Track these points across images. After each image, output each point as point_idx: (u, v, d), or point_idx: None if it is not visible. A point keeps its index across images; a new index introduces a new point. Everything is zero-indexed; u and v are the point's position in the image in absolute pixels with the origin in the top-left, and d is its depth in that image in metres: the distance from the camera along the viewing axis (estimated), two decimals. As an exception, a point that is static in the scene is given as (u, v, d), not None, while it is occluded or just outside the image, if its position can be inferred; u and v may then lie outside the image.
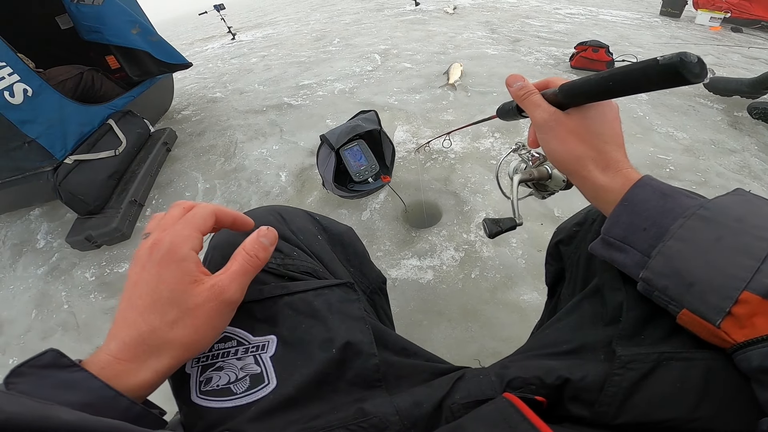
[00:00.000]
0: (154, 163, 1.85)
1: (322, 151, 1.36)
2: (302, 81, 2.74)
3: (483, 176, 1.49)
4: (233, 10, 6.47)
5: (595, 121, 0.37)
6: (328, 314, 0.38)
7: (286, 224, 0.48)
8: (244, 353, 0.35)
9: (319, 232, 0.52)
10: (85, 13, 1.82)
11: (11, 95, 1.33)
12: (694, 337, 0.30)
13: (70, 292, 1.35)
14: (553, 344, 0.39)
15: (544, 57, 2.86)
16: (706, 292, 0.27)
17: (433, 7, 5.36)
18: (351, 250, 0.57)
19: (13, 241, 1.65)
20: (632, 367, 0.31)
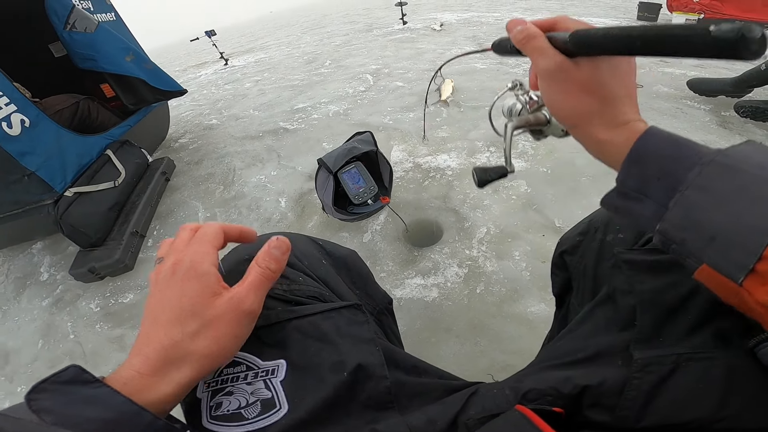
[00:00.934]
0: (154, 193, 1.85)
1: (320, 175, 1.37)
2: (297, 104, 2.78)
3: (482, 191, 1.49)
4: (224, 36, 6.60)
5: (606, 74, 0.33)
6: (337, 337, 0.38)
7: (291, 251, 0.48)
8: (254, 378, 0.35)
9: (323, 257, 0.53)
10: (78, 40, 1.82)
11: (9, 126, 1.33)
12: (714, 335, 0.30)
13: (76, 322, 1.35)
14: (567, 354, 0.39)
15: (532, 68, 2.92)
16: (729, 246, 0.25)
17: (420, 25, 5.49)
18: (355, 273, 0.57)
19: (16, 274, 1.65)
20: (651, 370, 0.31)
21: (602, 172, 1.55)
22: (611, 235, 0.49)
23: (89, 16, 1.88)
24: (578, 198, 1.44)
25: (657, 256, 0.38)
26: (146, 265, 1.51)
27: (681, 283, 0.35)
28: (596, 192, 1.45)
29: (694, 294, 0.34)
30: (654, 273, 0.37)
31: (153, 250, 1.58)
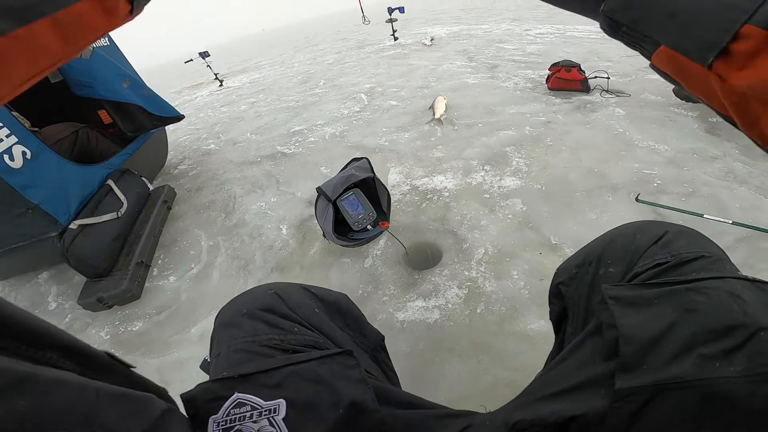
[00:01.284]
0: (157, 222, 1.87)
1: (319, 204, 1.40)
2: (293, 127, 2.83)
3: (478, 212, 1.53)
4: (218, 55, 6.68)
5: None
6: (332, 379, 0.42)
7: (284, 302, 0.54)
8: (259, 416, 0.38)
9: (317, 304, 0.57)
10: (75, 67, 1.83)
11: (11, 158, 1.34)
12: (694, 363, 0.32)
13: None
14: (557, 384, 0.42)
15: (522, 81, 2.98)
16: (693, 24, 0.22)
17: (411, 40, 5.59)
18: (348, 316, 0.62)
19: (23, 303, 1.66)
20: (631, 399, 0.33)
21: (595, 186, 1.59)
22: (603, 269, 0.52)
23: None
24: (573, 213, 1.47)
25: (640, 291, 0.41)
26: (153, 293, 1.54)
27: (663, 316, 0.37)
28: (590, 207, 1.49)
29: (675, 325, 0.36)
30: (636, 307, 0.39)
31: (159, 279, 1.60)
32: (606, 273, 0.52)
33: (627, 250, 0.51)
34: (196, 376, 1.16)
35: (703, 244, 0.48)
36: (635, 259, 0.49)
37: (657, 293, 0.40)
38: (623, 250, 0.51)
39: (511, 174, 1.75)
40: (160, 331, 1.36)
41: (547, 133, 2.07)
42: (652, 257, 0.47)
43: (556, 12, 7.56)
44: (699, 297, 0.37)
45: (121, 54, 2.29)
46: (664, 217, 1.36)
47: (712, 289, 0.38)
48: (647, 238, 0.50)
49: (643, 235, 0.51)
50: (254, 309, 0.52)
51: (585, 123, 2.15)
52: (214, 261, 1.62)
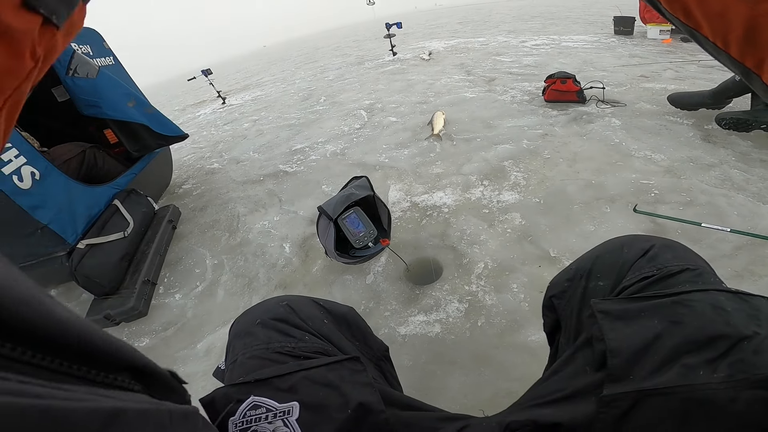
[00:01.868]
0: (162, 241, 1.91)
1: (321, 222, 1.44)
2: (294, 145, 2.89)
3: (477, 227, 1.56)
4: (220, 72, 6.86)
5: None
6: (341, 383, 0.45)
7: (296, 314, 0.57)
8: (273, 418, 0.41)
9: (325, 316, 0.61)
10: (82, 87, 1.86)
11: (20, 179, 1.36)
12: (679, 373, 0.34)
13: None
14: (549, 393, 0.45)
15: (519, 94, 3.04)
16: None
17: (409, 55, 5.70)
18: (355, 327, 0.65)
19: None
20: (615, 405, 0.35)
21: (592, 198, 1.62)
22: (593, 282, 0.55)
23: (90, 61, 1.90)
24: (571, 226, 1.49)
25: (627, 305, 0.44)
26: (159, 310, 1.56)
27: (649, 328, 0.40)
28: (589, 219, 1.51)
29: (660, 337, 0.38)
30: (624, 321, 0.42)
31: (165, 296, 1.63)
32: (596, 286, 0.54)
33: (615, 264, 0.54)
34: (201, 390, 1.18)
35: (687, 257, 0.50)
36: (623, 272, 0.52)
37: (643, 306, 0.43)
38: (612, 264, 0.54)
39: (510, 188, 1.78)
40: (167, 347, 1.39)
41: (544, 146, 2.11)
42: (639, 271, 0.50)
43: (551, 23, 7.70)
44: (683, 309, 0.40)
45: (126, 72, 2.33)
46: (662, 227, 1.38)
47: (696, 301, 0.40)
48: (634, 252, 0.53)
49: (630, 249, 0.54)
50: (267, 319, 0.55)
51: (582, 134, 2.19)
52: (219, 279, 1.65)
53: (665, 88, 2.74)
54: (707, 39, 0.26)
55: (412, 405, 0.49)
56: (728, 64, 0.26)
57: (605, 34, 5.59)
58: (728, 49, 0.25)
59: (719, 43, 0.25)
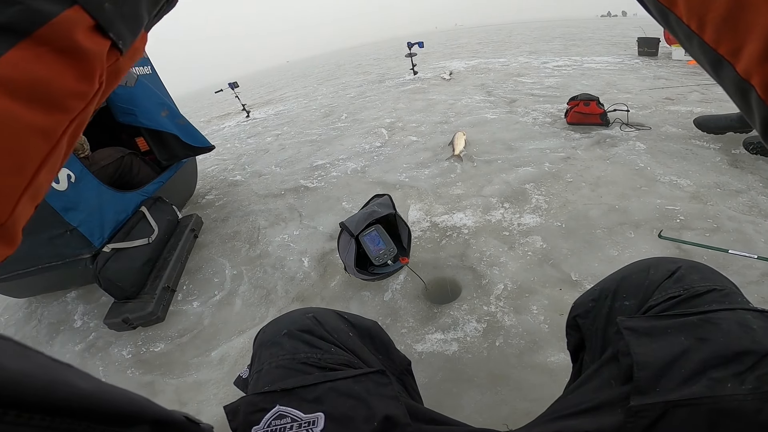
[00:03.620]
0: (184, 250, 1.97)
1: (342, 238, 1.47)
2: (316, 161, 2.96)
3: (498, 248, 1.56)
4: (245, 85, 7.10)
5: None
6: (367, 396, 0.45)
7: (322, 326, 0.58)
8: (299, 428, 0.41)
9: (350, 329, 0.62)
10: (120, 94, 1.94)
11: (56, 181, 1.40)
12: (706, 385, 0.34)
13: (107, 367, 1.42)
14: (574, 406, 0.45)
15: (540, 116, 3.05)
16: None
17: (430, 74, 5.81)
18: (378, 341, 0.66)
19: (49, 320, 1.74)
20: (643, 416, 0.36)
21: (616, 223, 1.60)
22: (618, 302, 0.56)
23: (130, 70, 1.99)
24: (594, 251, 1.48)
25: (654, 322, 0.45)
26: (176, 317, 1.60)
27: (676, 344, 0.40)
28: (612, 244, 1.50)
29: (687, 352, 0.39)
30: (651, 336, 0.43)
31: (183, 303, 1.68)
32: (621, 306, 0.55)
33: (641, 284, 0.54)
34: (213, 398, 1.21)
35: (714, 278, 0.51)
36: (649, 293, 0.53)
37: (670, 324, 0.44)
38: (638, 284, 0.55)
39: (531, 211, 1.78)
40: (181, 353, 1.42)
41: (566, 170, 2.11)
42: (666, 291, 0.50)
43: (573, 44, 7.75)
44: (710, 327, 0.41)
45: (161, 82, 2.44)
46: (687, 253, 1.36)
47: (722, 319, 0.41)
48: (660, 273, 0.54)
49: (656, 271, 0.55)
50: (294, 330, 0.56)
51: (605, 158, 2.18)
52: (237, 289, 1.68)
53: (691, 111, 2.71)
54: (680, 21, 0.23)
55: (436, 419, 0.50)
56: (697, 53, 0.23)
57: (629, 55, 5.59)
58: (702, 33, 0.22)
59: (693, 25, 0.22)
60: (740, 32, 0.20)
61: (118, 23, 0.23)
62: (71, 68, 0.22)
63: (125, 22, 0.24)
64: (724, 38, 0.21)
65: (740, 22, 0.19)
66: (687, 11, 0.22)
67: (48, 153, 0.22)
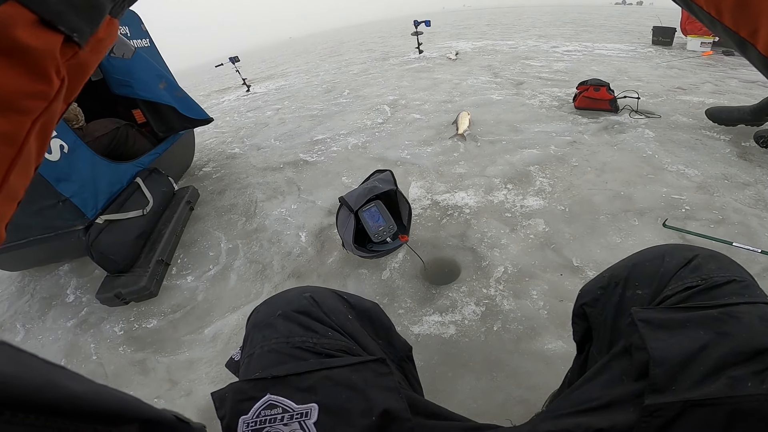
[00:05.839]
0: (179, 222, 1.92)
1: (341, 213, 1.42)
2: (316, 136, 2.88)
3: (499, 230, 1.52)
4: (246, 60, 6.89)
5: None
6: (365, 386, 0.42)
7: (319, 307, 0.54)
8: (290, 419, 0.38)
9: (349, 311, 0.58)
10: (116, 66, 1.89)
11: (49, 151, 1.36)
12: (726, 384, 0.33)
13: (99, 344, 1.39)
14: (583, 402, 0.42)
15: (548, 99, 2.97)
16: None
17: (436, 54, 5.64)
18: (378, 325, 0.62)
19: (42, 294, 1.71)
20: (659, 415, 0.34)
21: (620, 210, 1.56)
22: (630, 291, 0.52)
23: (128, 43, 1.92)
24: (596, 237, 1.45)
25: (671, 314, 0.42)
26: (170, 292, 1.57)
27: (694, 339, 0.38)
28: (615, 231, 1.46)
29: (707, 347, 0.37)
30: (667, 330, 0.40)
31: (177, 278, 1.65)
32: (633, 295, 0.52)
33: (655, 272, 0.51)
34: (204, 377, 1.19)
35: (733, 269, 0.47)
36: (664, 282, 0.49)
37: (688, 317, 0.40)
38: (651, 272, 0.51)
39: (534, 194, 1.73)
40: (174, 330, 1.40)
41: (572, 154, 2.06)
42: (682, 280, 0.47)
43: (584, 30, 7.55)
44: (731, 321, 0.38)
45: (160, 55, 2.37)
46: (691, 244, 1.33)
47: (743, 313, 0.39)
48: (676, 261, 0.50)
49: (672, 258, 0.51)
50: (289, 311, 0.52)
51: (612, 144, 2.12)
52: (232, 264, 1.65)
53: (703, 102, 2.65)
54: (702, 9, 0.25)
55: (438, 413, 0.47)
56: (724, 36, 0.25)
57: (642, 43, 5.44)
58: (722, 19, 0.24)
59: (713, 12, 0.24)
60: (753, 17, 0.22)
61: (67, 14, 0.21)
62: (17, 68, 0.20)
63: (77, 12, 0.21)
64: (741, 23, 0.23)
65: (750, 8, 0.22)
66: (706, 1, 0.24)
67: (14, 156, 0.21)
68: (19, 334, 1.52)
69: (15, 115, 0.20)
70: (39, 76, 0.21)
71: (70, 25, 0.21)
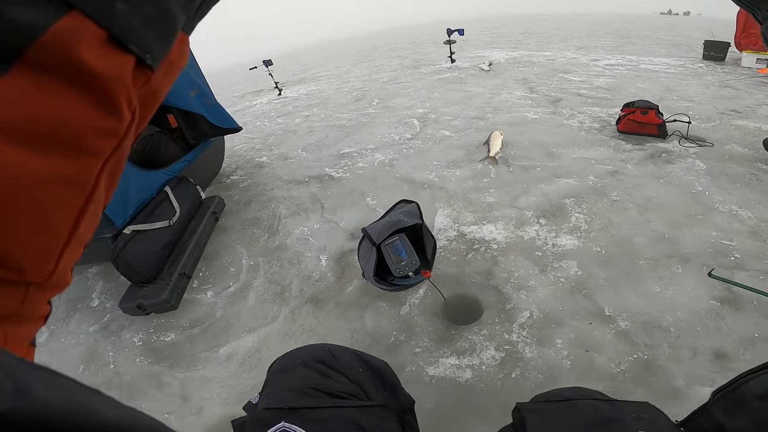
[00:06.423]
0: (204, 234, 1.96)
1: (363, 245, 1.39)
2: (343, 148, 2.87)
3: (527, 270, 1.44)
4: (279, 62, 7.00)
5: None
6: (370, 427, 0.48)
7: (335, 359, 0.63)
8: None
9: (361, 365, 0.66)
10: None
11: None
12: None
13: (118, 353, 1.43)
14: None
15: (588, 120, 2.83)
16: None
17: (468, 63, 5.55)
18: (387, 381, 0.69)
19: (69, 296, 1.77)
20: None
21: (663, 255, 1.45)
22: None
23: None
24: (633, 284, 1.36)
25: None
26: (190, 305, 1.60)
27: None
28: (655, 278, 1.36)
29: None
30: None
31: (198, 291, 1.67)
32: None
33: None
34: (216, 397, 1.20)
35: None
36: None
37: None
38: None
39: (569, 232, 1.64)
40: (191, 346, 1.41)
41: (613, 186, 1.94)
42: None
43: (627, 42, 7.21)
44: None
45: (194, 60, 2.38)
46: (737, 296, 1.25)
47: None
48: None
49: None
50: (308, 360, 0.61)
51: (659, 176, 1.98)
52: (252, 282, 1.66)
53: (760, 128, 2.45)
54: None
55: None
56: None
57: (692, 58, 5.14)
58: None
59: None
60: None
61: (139, 30, 0.17)
62: (85, 98, 0.16)
63: (150, 26, 0.17)
64: None
65: None
66: None
67: (84, 203, 0.18)
68: (43, 335, 1.58)
69: (83, 157, 0.17)
70: (109, 110, 0.17)
71: (143, 44, 0.17)
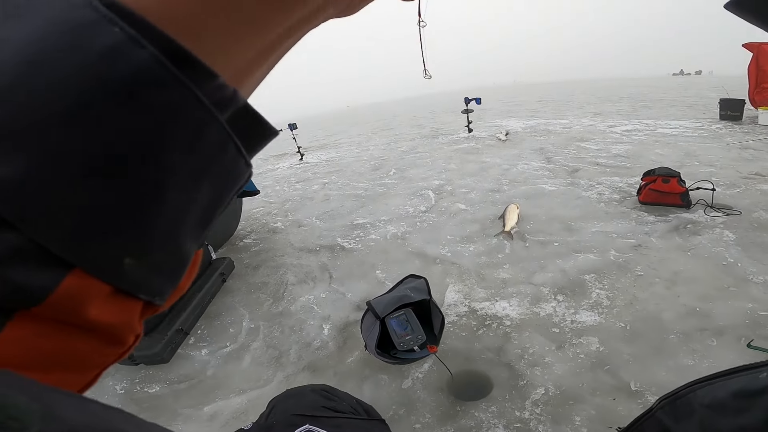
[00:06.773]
0: (208, 294, 2.02)
1: (366, 319, 1.41)
2: (357, 219, 2.98)
3: (543, 347, 1.41)
4: (303, 126, 7.49)
5: None
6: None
7: (335, 391, 0.77)
8: None
9: (359, 403, 0.78)
10: None
11: None
12: None
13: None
14: None
15: (607, 191, 2.86)
16: None
17: (485, 133, 5.86)
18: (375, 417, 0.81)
19: None
20: None
21: (695, 329, 1.40)
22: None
23: None
24: (663, 358, 1.30)
25: None
26: (182, 360, 1.61)
27: None
28: (688, 352, 1.31)
29: None
30: None
31: (193, 348, 1.69)
32: None
33: None
34: None
35: None
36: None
37: None
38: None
39: (589, 308, 1.61)
40: (174, 400, 1.41)
41: (637, 260, 1.91)
42: None
43: (643, 106, 7.48)
44: None
45: None
46: None
47: None
48: None
49: None
50: (315, 389, 0.76)
51: (685, 249, 1.96)
52: (250, 344, 1.67)
53: (787, 192, 2.42)
54: None
55: None
56: None
57: (709, 119, 5.27)
58: None
59: None
60: None
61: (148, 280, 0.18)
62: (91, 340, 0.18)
63: (160, 273, 0.18)
64: None
65: None
66: None
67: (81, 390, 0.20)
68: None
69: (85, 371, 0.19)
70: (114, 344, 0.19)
71: (153, 290, 0.18)
